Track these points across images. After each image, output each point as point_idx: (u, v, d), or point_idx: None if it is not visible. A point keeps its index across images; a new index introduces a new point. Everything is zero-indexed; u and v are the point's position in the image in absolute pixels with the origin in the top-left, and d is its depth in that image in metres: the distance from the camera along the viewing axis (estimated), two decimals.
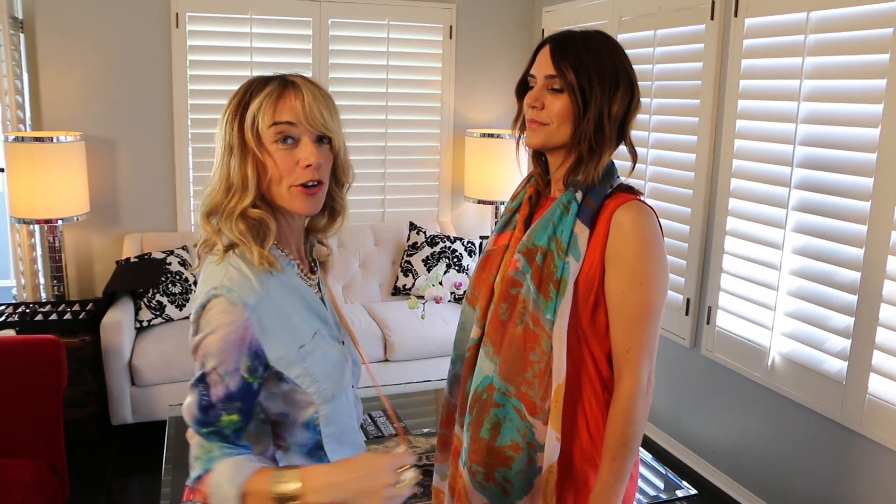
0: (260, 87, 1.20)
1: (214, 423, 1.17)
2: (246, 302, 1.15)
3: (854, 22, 2.48)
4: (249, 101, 1.19)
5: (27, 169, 3.50)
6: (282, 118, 1.18)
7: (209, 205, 1.22)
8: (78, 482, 3.04)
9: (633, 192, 1.42)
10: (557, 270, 1.37)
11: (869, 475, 2.52)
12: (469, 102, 4.61)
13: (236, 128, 1.19)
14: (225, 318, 1.14)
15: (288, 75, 1.23)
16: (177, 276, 3.73)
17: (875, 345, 2.43)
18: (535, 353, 1.38)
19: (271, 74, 1.24)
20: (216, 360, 1.15)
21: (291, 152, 1.19)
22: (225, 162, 1.20)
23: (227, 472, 1.13)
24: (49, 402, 2.49)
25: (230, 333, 1.14)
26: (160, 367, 3.38)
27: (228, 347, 1.14)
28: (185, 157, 4.08)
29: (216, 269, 1.20)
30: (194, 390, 1.18)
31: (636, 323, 1.35)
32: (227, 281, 1.16)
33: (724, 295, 3.11)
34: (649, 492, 2.42)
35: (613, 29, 3.69)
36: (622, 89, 1.39)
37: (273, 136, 1.18)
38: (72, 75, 3.84)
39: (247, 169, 1.18)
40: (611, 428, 1.37)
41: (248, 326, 1.15)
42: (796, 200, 2.73)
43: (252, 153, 1.18)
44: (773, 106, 2.83)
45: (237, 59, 4.09)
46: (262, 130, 1.18)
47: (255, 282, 1.18)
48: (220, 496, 1.13)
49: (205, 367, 1.16)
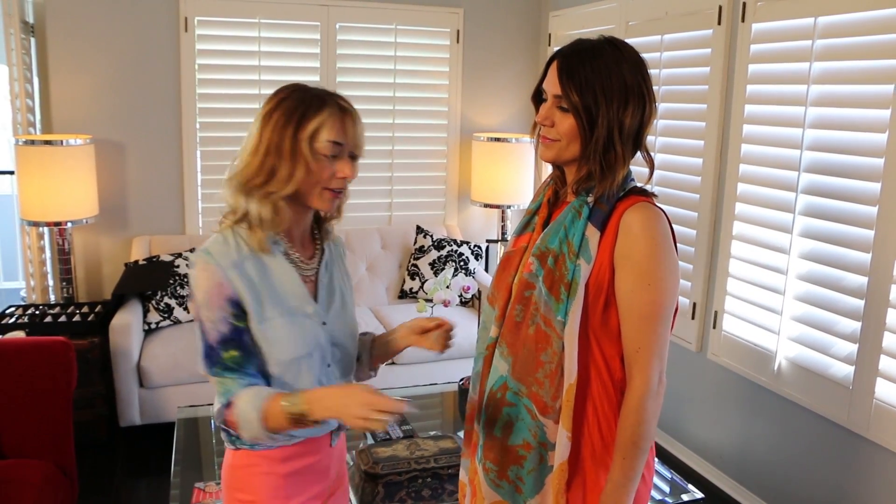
0: (317, 105, 1.40)
1: (219, 361, 1.40)
2: (219, 263, 1.39)
3: (862, 27, 2.49)
4: (306, 114, 1.39)
5: (37, 172, 3.52)
6: (338, 139, 1.40)
7: (244, 179, 1.41)
8: (87, 483, 3.06)
9: (646, 195, 1.42)
10: (568, 273, 1.38)
11: (876, 480, 2.51)
12: (476, 106, 4.62)
13: (291, 133, 1.38)
14: (204, 274, 1.38)
15: (338, 98, 1.44)
16: (185, 279, 3.75)
17: (882, 349, 2.43)
18: (547, 354, 1.40)
19: (317, 88, 1.44)
20: (205, 310, 1.38)
21: (332, 163, 1.41)
22: (269, 152, 1.39)
23: (248, 399, 1.37)
24: (58, 403, 2.51)
25: (211, 287, 1.38)
26: (168, 368, 3.39)
27: (212, 299, 1.38)
28: (194, 160, 4.10)
29: (213, 235, 1.44)
30: (199, 339, 1.41)
31: (646, 323, 1.36)
32: (209, 245, 1.41)
33: (730, 299, 3.12)
34: (656, 496, 2.42)
35: (620, 33, 3.69)
36: (632, 105, 1.37)
37: (326, 150, 1.39)
38: (81, 79, 3.87)
39: (296, 169, 1.38)
40: (622, 427, 1.38)
41: (222, 282, 1.38)
42: (803, 205, 2.73)
43: (304, 158, 1.38)
44: (780, 111, 2.83)
45: (246, 63, 4.12)
46: (318, 142, 1.39)
47: (233, 252, 1.41)
48: (245, 419, 1.36)
49: (200, 317, 1.39)
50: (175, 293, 3.68)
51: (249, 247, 1.42)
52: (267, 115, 1.41)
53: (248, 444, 1.46)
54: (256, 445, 1.46)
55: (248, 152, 1.41)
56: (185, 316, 3.69)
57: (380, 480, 2.23)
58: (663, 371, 1.40)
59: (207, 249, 1.40)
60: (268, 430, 1.36)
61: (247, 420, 1.36)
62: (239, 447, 1.48)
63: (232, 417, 1.38)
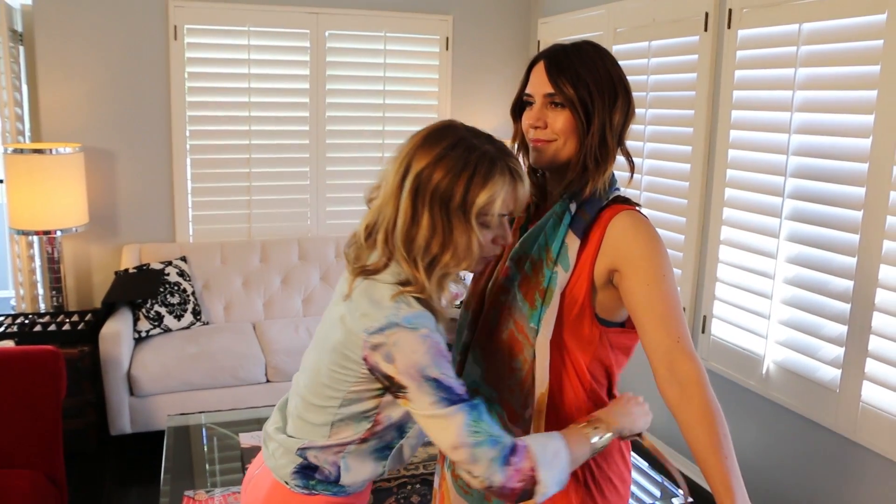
0: (485, 174, 1.23)
1: (470, 397, 1.24)
2: (426, 325, 1.24)
3: (846, 33, 2.51)
4: (473, 181, 1.22)
5: (26, 180, 3.52)
6: (509, 210, 1.27)
7: (417, 248, 1.25)
8: (77, 493, 3.05)
9: (630, 204, 1.40)
10: (544, 280, 1.36)
11: (863, 483, 2.53)
12: (465, 113, 4.64)
13: (457, 203, 1.22)
14: (416, 338, 1.22)
15: (509, 158, 1.27)
16: (175, 287, 3.74)
17: (868, 353, 2.45)
18: (518, 361, 1.38)
19: (483, 148, 1.25)
20: (436, 369, 1.22)
21: (494, 231, 1.28)
22: (446, 226, 1.23)
23: (541, 439, 1.24)
24: (48, 412, 2.50)
25: (430, 347, 1.22)
26: (159, 377, 3.39)
27: (437, 357, 1.22)
28: (184, 168, 4.10)
29: (387, 291, 1.26)
30: (444, 403, 1.22)
31: (670, 316, 1.30)
32: (402, 313, 1.23)
33: (718, 304, 3.13)
34: (645, 499, 2.43)
35: (608, 40, 3.72)
36: (621, 99, 1.37)
37: (493, 222, 1.26)
38: (71, 87, 3.87)
39: (472, 241, 1.24)
40: (700, 428, 1.28)
41: (439, 341, 1.24)
42: (790, 210, 2.75)
43: (474, 231, 1.24)
44: (766, 116, 2.85)
45: (235, 71, 4.12)
46: (490, 214, 1.24)
47: (427, 314, 1.26)
48: (548, 455, 1.21)
49: (435, 377, 1.22)
50: (165, 301, 3.68)
51: (434, 319, 1.28)
52: (426, 174, 1.23)
53: (331, 490, 1.37)
54: (340, 491, 1.38)
55: (404, 221, 1.24)
56: (176, 324, 3.69)
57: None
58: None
59: (409, 319, 1.23)
60: (572, 466, 1.26)
61: (550, 458, 1.21)
62: (317, 492, 1.37)
63: (525, 465, 1.19)
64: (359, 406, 1.33)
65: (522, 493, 1.20)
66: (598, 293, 1.37)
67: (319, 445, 1.36)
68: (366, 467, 1.38)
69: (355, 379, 1.30)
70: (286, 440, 1.40)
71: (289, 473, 1.37)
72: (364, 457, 1.38)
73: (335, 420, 1.34)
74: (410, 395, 1.24)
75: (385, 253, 1.28)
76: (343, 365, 1.30)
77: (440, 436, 1.23)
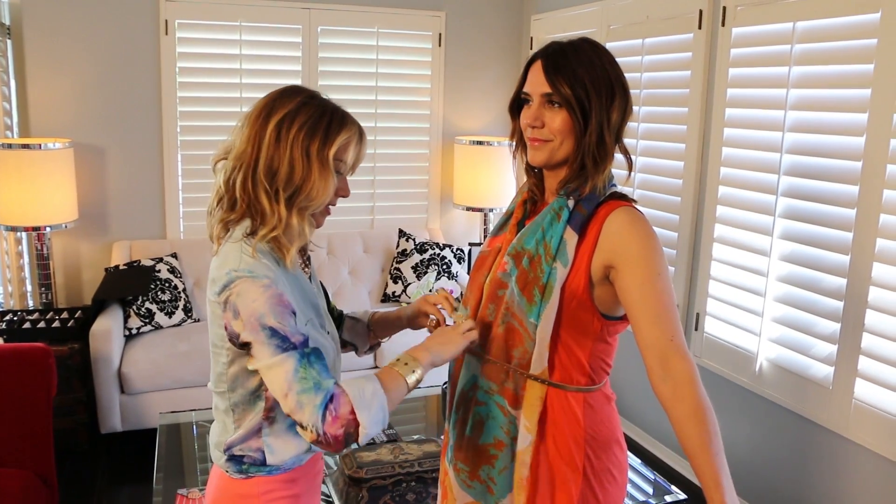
0: (339, 122, 1.34)
1: (306, 344, 1.28)
2: (266, 275, 1.28)
3: (839, 32, 2.52)
4: (331, 127, 1.33)
5: (15, 176, 3.48)
6: (357, 161, 1.40)
7: (275, 188, 1.30)
8: (67, 492, 3.03)
9: (626, 200, 1.41)
10: (544, 275, 1.37)
11: (855, 479, 2.54)
12: (458, 110, 4.63)
13: (318, 145, 1.31)
14: (257, 288, 1.26)
15: (355, 121, 1.39)
16: (166, 284, 3.72)
17: (861, 350, 2.46)
18: (518, 351, 1.41)
19: (332, 104, 1.37)
20: (274, 318, 1.26)
21: (339, 181, 1.38)
22: (296, 161, 1.30)
23: (357, 382, 1.28)
24: (38, 410, 2.48)
25: (271, 297, 1.26)
26: (150, 374, 3.37)
27: (277, 308, 1.26)
28: (174, 164, 4.07)
29: (232, 248, 1.31)
30: (276, 350, 1.26)
31: (664, 314, 1.32)
32: (244, 265, 1.28)
33: (712, 301, 3.14)
34: (638, 496, 2.43)
35: (602, 37, 3.72)
36: (618, 98, 1.38)
37: (343, 169, 1.37)
38: (60, 82, 3.83)
39: (328, 184, 1.33)
40: (690, 425, 1.28)
41: (281, 293, 1.27)
42: (783, 208, 2.76)
43: (331, 174, 1.33)
44: (760, 114, 2.86)
45: (226, 66, 4.10)
46: (342, 159, 1.36)
47: (272, 269, 1.30)
48: (365, 400, 1.25)
49: (271, 325, 1.25)
50: (156, 298, 3.65)
51: (278, 263, 1.32)
52: (287, 119, 1.31)
53: (264, 471, 1.38)
54: (275, 470, 1.39)
55: (267, 156, 1.30)
56: (167, 321, 3.67)
57: (364, 485, 2.22)
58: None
59: (249, 269, 1.27)
60: (390, 406, 1.29)
61: (368, 396, 1.26)
62: (252, 475, 1.39)
63: (343, 409, 1.23)
64: (245, 385, 1.36)
65: (346, 437, 1.24)
66: (596, 288, 1.38)
67: (237, 440, 1.38)
68: (289, 445, 1.39)
69: (228, 357, 1.34)
70: (213, 435, 1.46)
71: (224, 463, 1.41)
72: (282, 434, 1.38)
73: (232, 405, 1.38)
74: (254, 351, 1.28)
75: (244, 198, 1.32)
76: (216, 344, 1.35)
77: (273, 384, 1.27)
